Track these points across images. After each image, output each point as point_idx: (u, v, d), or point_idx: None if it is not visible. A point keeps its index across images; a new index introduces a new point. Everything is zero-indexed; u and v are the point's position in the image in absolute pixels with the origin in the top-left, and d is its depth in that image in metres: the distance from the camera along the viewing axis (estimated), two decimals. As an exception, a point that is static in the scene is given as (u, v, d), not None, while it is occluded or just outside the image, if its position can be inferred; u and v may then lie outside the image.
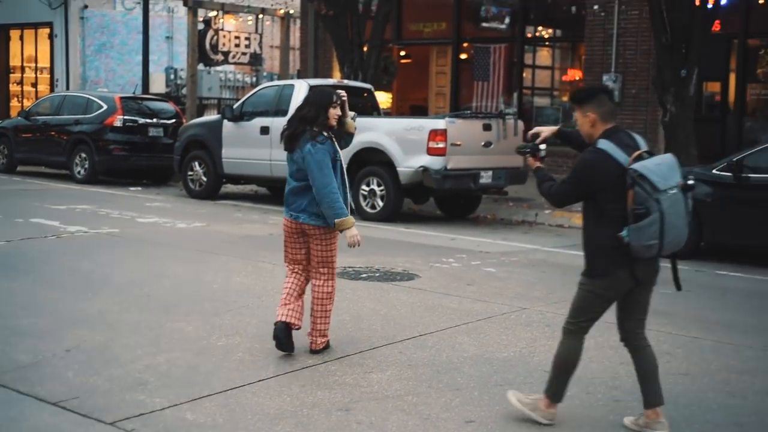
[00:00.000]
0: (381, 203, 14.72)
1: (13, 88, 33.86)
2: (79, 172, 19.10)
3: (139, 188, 18.48)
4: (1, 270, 9.63)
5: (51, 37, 31.62)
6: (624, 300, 5.55)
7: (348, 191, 6.95)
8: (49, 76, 32.11)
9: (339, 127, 6.96)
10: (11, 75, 34.05)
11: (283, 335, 6.81)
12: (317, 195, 6.68)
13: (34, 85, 33.19)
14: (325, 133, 6.79)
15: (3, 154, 20.89)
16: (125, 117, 19.07)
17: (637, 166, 5.13)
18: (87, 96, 20.32)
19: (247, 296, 8.79)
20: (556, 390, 5.60)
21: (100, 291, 8.85)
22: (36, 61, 33.17)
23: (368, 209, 14.81)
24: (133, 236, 12.21)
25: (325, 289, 6.96)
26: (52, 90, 30.82)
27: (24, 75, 33.80)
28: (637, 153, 5.24)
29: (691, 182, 5.26)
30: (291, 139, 6.83)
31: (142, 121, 19.31)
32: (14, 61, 33.89)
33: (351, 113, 7.15)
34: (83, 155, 18.99)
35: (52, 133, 19.93)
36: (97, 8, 31.40)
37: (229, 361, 6.72)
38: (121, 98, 19.64)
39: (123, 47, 31.62)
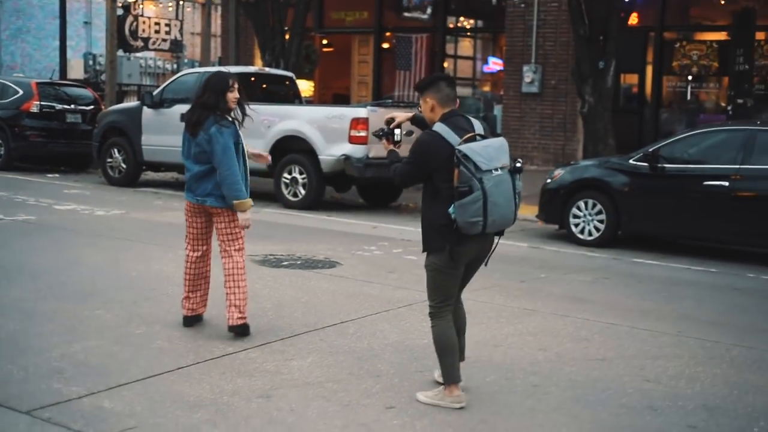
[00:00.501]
0: (303, 191, 14.69)
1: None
2: (-6, 158, 18.72)
3: (57, 175, 18.16)
4: None
5: (-36, 21, 30.95)
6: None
7: (248, 175, 7.06)
8: (-38, 60, 31.42)
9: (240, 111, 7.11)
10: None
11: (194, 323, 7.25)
12: (220, 176, 6.82)
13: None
14: (229, 117, 6.96)
15: None
16: (42, 103, 18.72)
17: (463, 147, 5.39)
18: (2, 81, 19.87)
19: (167, 284, 8.69)
20: (448, 373, 5.72)
21: (15, 279, 8.68)
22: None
23: (290, 197, 14.77)
24: (50, 223, 12.00)
25: (238, 265, 7.02)
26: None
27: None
28: (469, 135, 5.51)
29: (518, 164, 5.57)
30: (196, 125, 6.93)
31: (59, 107, 18.98)
32: (-74, 45, 33.06)
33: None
34: (-1, 141, 18.62)
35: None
36: (13, -8, 30.81)
37: (147, 350, 6.64)
38: (38, 84, 19.28)
39: (40, 32, 31.08)
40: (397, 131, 6.24)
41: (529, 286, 9.49)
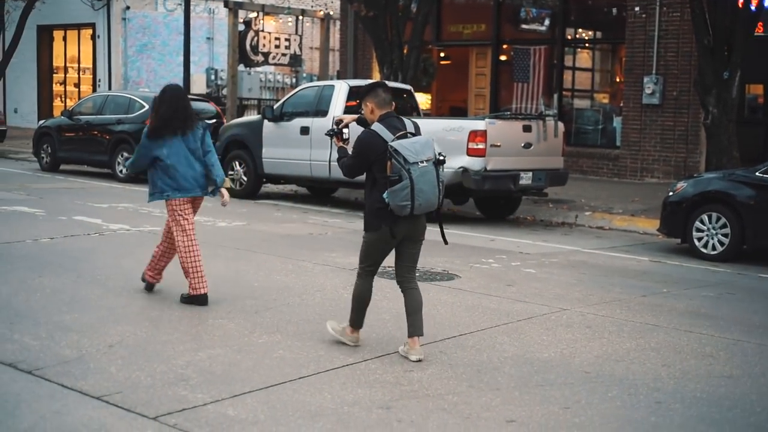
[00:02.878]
0: (420, 204, 14.69)
1: (57, 88, 34.26)
2: (121, 171, 19.24)
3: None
4: (45, 267, 9.74)
5: (93, 37, 31.97)
6: (397, 251, 7.01)
7: None
8: (91, 76, 32.45)
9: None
10: (54, 75, 34.43)
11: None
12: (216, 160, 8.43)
13: (77, 85, 33.55)
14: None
15: (47, 153, 21.10)
16: (166, 117, 19.18)
17: (394, 143, 6.50)
18: (129, 96, 20.48)
19: (288, 295, 8.83)
20: (355, 319, 7.10)
21: (141, 288, 8.92)
22: (79, 62, 33.53)
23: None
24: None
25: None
26: (94, 90, 31.15)
27: (67, 75, 34.18)
28: (401, 133, 6.62)
29: (442, 158, 6.65)
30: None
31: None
32: (57, 61, 34.29)
33: None
34: (125, 154, 19.12)
35: (95, 132, 20.10)
36: (139, 9, 31.68)
37: (269, 359, 6.75)
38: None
39: (164, 48, 31.88)
40: (345, 131, 7.15)
41: (651, 301, 9.32)
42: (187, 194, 8.37)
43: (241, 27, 27.95)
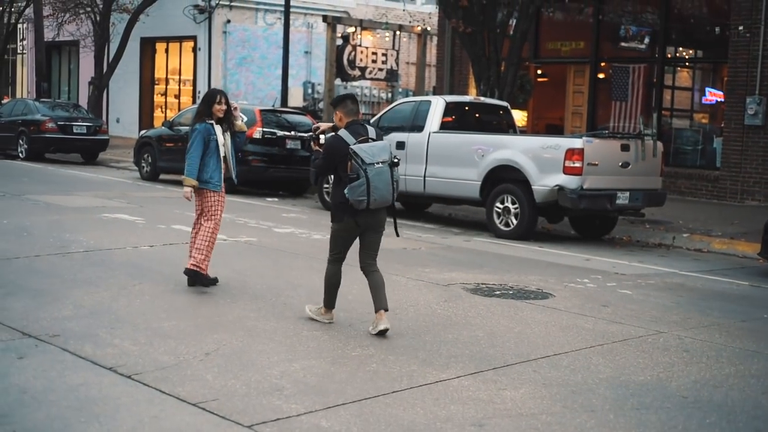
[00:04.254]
0: (515, 221, 14.63)
1: (158, 99, 35.00)
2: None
3: (276, 199, 18.81)
4: (144, 274, 9.95)
5: (195, 50, 32.57)
6: (360, 240, 8.06)
7: (223, 165, 9.55)
8: (191, 87, 33.06)
9: (230, 125, 9.59)
10: (156, 86, 35.18)
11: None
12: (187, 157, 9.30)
13: (177, 96, 34.22)
14: (209, 121, 9.38)
15: (147, 163, 21.56)
16: (264, 129, 19.46)
17: (354, 146, 7.59)
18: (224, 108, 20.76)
19: (381, 308, 8.85)
20: (328, 301, 8.20)
21: (238, 297, 9.05)
22: (180, 73, 34.20)
23: (502, 227, 14.74)
24: (270, 245, 12.45)
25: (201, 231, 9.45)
26: (194, 101, 31.71)
27: (168, 86, 34.89)
28: (362, 138, 7.69)
29: (396, 161, 7.76)
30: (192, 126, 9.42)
31: (280, 133, 19.67)
32: (159, 73, 35.04)
33: (242, 116, 9.92)
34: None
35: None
36: (240, 23, 32.20)
37: (363, 372, 6.78)
38: (261, 111, 20.05)
39: (263, 61, 32.35)
40: (321, 136, 8.33)
41: (751, 326, 9.10)
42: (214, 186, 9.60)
43: (339, 42, 28.17)
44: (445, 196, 16.04)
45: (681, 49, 23.16)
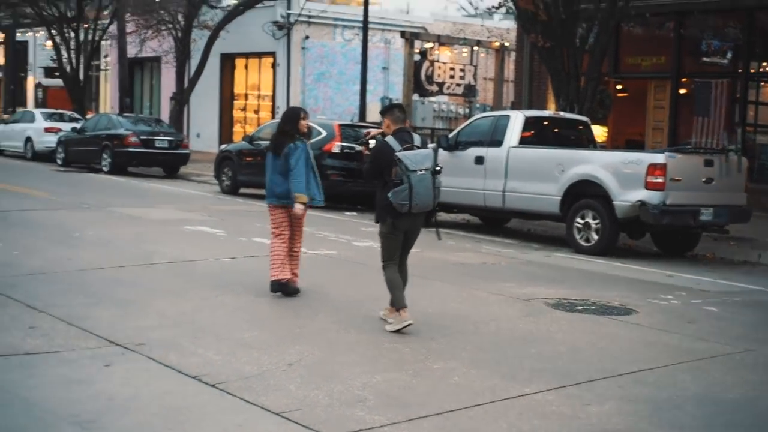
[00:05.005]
0: (596, 237, 14.45)
1: (237, 114, 35.39)
2: (296, 196, 19.66)
3: (354, 213, 18.85)
4: (226, 285, 10.03)
5: (274, 65, 32.88)
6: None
7: (318, 179, 9.80)
8: (270, 103, 33.39)
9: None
10: (235, 101, 35.59)
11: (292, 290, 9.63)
12: (291, 175, 9.37)
13: (257, 111, 34.58)
14: (300, 138, 9.57)
15: (227, 177, 21.78)
16: (343, 144, 19.54)
17: (399, 153, 8.04)
18: (308, 123, 20.91)
19: (462, 323, 8.82)
20: (396, 300, 8.36)
21: (318, 309, 9.09)
22: (259, 89, 34.56)
23: (582, 242, 14.57)
24: (349, 259, 12.48)
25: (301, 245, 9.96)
26: (273, 117, 32.01)
27: (247, 102, 35.28)
28: (407, 145, 8.12)
29: (438, 168, 8.18)
30: (279, 145, 9.59)
31: (359, 148, 19.72)
32: (238, 88, 35.45)
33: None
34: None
35: (272, 157, 20.59)
36: (318, 39, 32.46)
37: (445, 384, 6.75)
38: (340, 125, 20.14)
39: (341, 77, 32.54)
40: (371, 141, 8.88)
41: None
42: (268, 201, 9.86)
43: (417, 57, 28.20)
44: (524, 211, 15.92)
45: (765, 63, 22.72)
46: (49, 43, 37.85)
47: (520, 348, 7.94)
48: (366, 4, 25.57)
